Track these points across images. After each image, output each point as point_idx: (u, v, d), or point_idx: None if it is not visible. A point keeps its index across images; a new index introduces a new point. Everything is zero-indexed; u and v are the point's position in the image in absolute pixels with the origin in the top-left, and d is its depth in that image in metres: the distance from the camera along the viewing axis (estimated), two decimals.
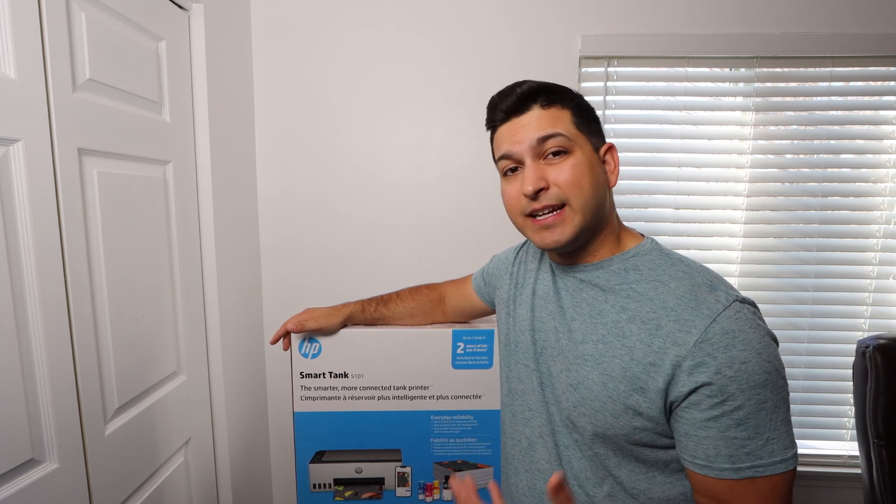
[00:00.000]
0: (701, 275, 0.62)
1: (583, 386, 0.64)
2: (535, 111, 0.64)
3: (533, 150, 0.63)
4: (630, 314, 0.62)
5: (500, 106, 0.67)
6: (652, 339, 0.59)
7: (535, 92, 0.65)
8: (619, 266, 0.66)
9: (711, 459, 0.56)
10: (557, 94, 0.65)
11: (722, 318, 0.56)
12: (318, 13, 1.41)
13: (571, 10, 1.39)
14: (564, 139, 0.63)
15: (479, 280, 0.99)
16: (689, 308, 0.58)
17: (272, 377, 1.55)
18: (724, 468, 0.55)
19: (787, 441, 0.55)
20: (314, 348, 1.00)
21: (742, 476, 0.54)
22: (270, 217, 1.49)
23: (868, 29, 1.36)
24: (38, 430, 0.72)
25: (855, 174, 1.44)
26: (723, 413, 0.54)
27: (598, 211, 0.65)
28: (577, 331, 0.67)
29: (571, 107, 0.65)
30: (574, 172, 0.62)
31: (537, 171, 0.63)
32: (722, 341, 0.55)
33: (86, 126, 0.81)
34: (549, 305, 0.73)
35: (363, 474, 1.03)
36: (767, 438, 0.54)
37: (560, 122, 0.63)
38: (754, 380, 0.54)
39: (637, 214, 1.49)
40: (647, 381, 0.58)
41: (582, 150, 0.64)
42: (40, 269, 0.71)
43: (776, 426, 0.55)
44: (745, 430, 0.54)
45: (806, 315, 1.50)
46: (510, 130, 0.66)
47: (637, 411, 0.59)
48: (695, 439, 0.57)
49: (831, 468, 1.54)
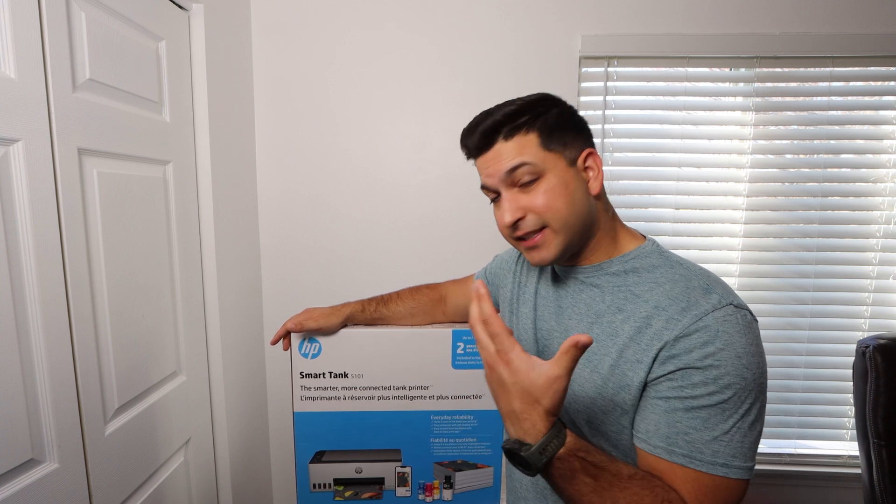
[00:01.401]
0: (699, 277, 0.62)
1: (575, 383, 0.65)
2: (499, 145, 0.64)
3: (504, 182, 0.65)
4: (625, 315, 0.63)
5: (467, 143, 0.68)
6: (640, 338, 0.60)
7: (496, 126, 0.64)
8: (618, 268, 0.67)
9: (650, 435, 0.57)
10: (520, 119, 0.63)
11: (709, 317, 0.56)
12: (318, 13, 1.41)
13: (571, 10, 1.39)
14: (531, 167, 0.63)
15: (482, 279, 1.00)
16: (680, 308, 0.58)
17: (272, 377, 1.55)
18: (658, 446, 0.56)
19: (738, 451, 0.54)
20: (314, 348, 1.00)
21: (674, 460, 0.54)
22: (270, 217, 1.49)
23: (868, 29, 1.36)
24: (38, 430, 0.72)
25: (855, 174, 1.44)
26: (676, 396, 0.55)
27: (585, 221, 0.65)
28: (573, 330, 0.68)
29: (538, 127, 0.63)
30: (547, 197, 0.63)
31: (513, 203, 0.65)
32: (701, 338, 0.55)
33: (86, 126, 0.81)
34: (549, 305, 0.74)
35: (363, 474, 1.03)
36: (715, 437, 0.54)
37: (525, 149, 0.63)
38: (723, 380, 0.53)
39: (637, 214, 1.49)
40: (633, 377, 0.59)
41: (553, 170, 0.63)
42: (40, 269, 0.71)
43: (731, 432, 0.54)
44: (693, 419, 0.54)
45: (806, 315, 1.50)
46: (482, 165, 0.67)
47: (623, 409, 0.61)
48: (642, 413, 0.58)
49: (831, 468, 1.54)
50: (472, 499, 1.04)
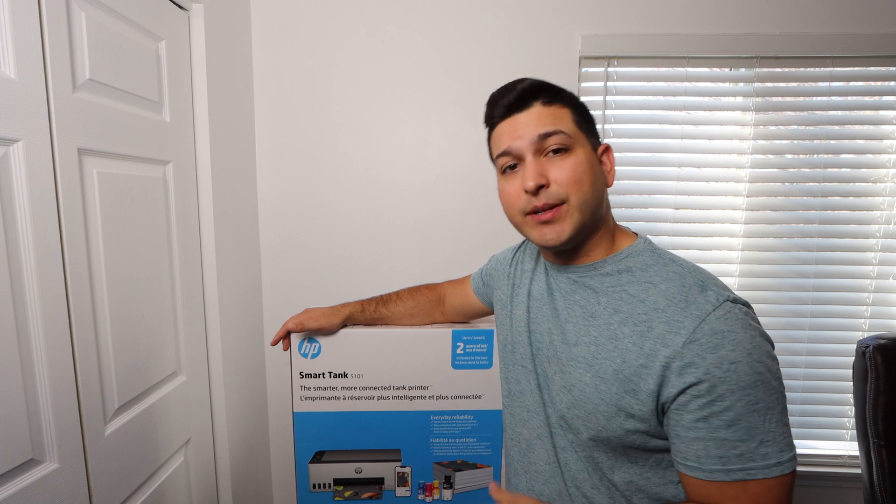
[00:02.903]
0: (692, 275, 0.61)
1: (576, 388, 0.63)
2: (537, 107, 0.64)
3: (534, 147, 0.63)
4: (622, 316, 0.62)
5: (502, 101, 0.66)
6: (643, 342, 0.59)
7: (537, 88, 0.65)
8: (611, 268, 0.66)
9: (702, 461, 0.55)
10: (559, 93, 0.66)
11: (711, 318, 0.55)
12: (318, 13, 1.41)
13: (571, 10, 1.39)
14: (566, 137, 0.63)
15: (478, 280, 0.99)
16: (679, 309, 0.58)
17: (272, 377, 1.55)
18: (715, 469, 0.54)
19: (782, 444, 0.54)
20: (314, 348, 1.00)
21: (733, 478, 0.54)
22: (270, 217, 1.49)
23: (868, 29, 1.36)
24: (38, 430, 0.72)
25: (855, 174, 1.44)
26: (712, 414, 0.54)
27: (597, 210, 0.65)
28: (570, 332, 0.67)
29: (571, 106, 0.66)
30: (575, 171, 0.62)
31: (538, 168, 0.63)
32: (711, 341, 0.54)
33: (86, 126, 0.81)
34: (543, 307, 0.73)
35: (363, 474, 1.03)
36: (760, 441, 0.53)
37: (562, 119, 0.63)
38: (745, 380, 0.53)
39: (637, 214, 1.49)
40: (639, 383, 0.58)
41: (583, 148, 0.64)
42: (40, 269, 0.71)
43: (770, 428, 0.54)
44: (737, 431, 0.53)
45: (806, 315, 1.50)
46: (511, 126, 0.65)
47: (629, 413, 0.59)
48: (685, 440, 0.56)
49: (831, 468, 1.54)
50: (472, 499, 1.04)
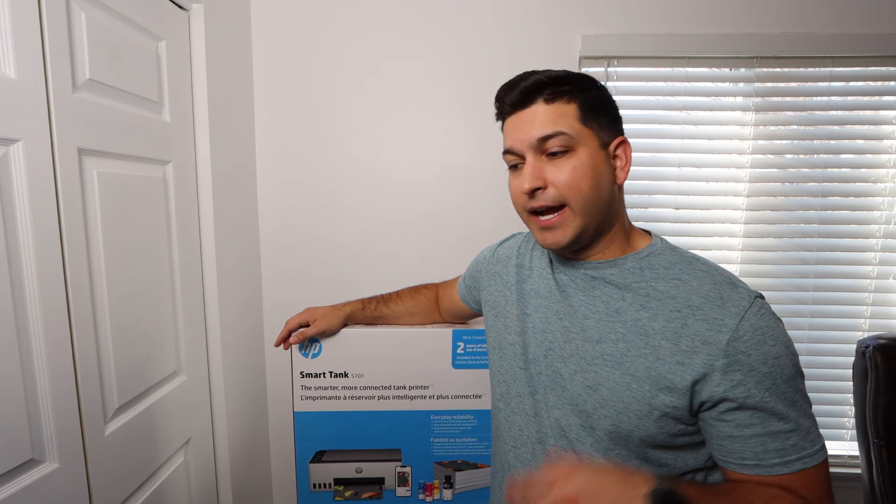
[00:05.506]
0: (719, 272, 0.62)
1: (603, 387, 0.61)
2: (539, 106, 0.62)
3: (533, 148, 0.62)
4: (651, 312, 0.61)
5: (505, 100, 0.65)
6: (679, 339, 0.58)
7: (539, 86, 0.62)
8: (634, 264, 0.65)
9: (761, 457, 0.56)
10: (564, 87, 0.62)
11: (749, 314, 0.57)
12: (318, 13, 1.41)
13: (571, 10, 1.39)
14: (567, 137, 0.61)
15: (462, 286, 0.98)
16: (716, 306, 0.58)
17: (272, 377, 1.55)
18: (775, 463, 0.56)
19: (817, 429, 0.58)
20: (314, 348, 1.00)
21: (792, 469, 0.55)
22: (270, 217, 1.49)
23: (868, 29, 1.36)
24: (38, 430, 0.72)
25: (855, 174, 1.44)
26: (764, 409, 0.55)
27: (604, 210, 0.64)
28: (591, 329, 0.64)
29: (580, 99, 0.62)
30: (573, 175, 0.61)
31: (536, 170, 0.62)
32: (753, 338, 0.56)
33: (86, 126, 0.81)
34: (554, 305, 0.70)
35: (363, 474, 1.03)
36: (808, 428, 0.56)
37: (563, 118, 0.61)
38: (787, 372, 0.56)
39: (637, 214, 1.49)
40: (675, 380, 0.57)
41: (586, 147, 0.62)
42: (40, 269, 0.71)
43: (809, 414, 0.57)
44: (788, 422, 0.55)
45: (806, 315, 1.50)
46: (514, 125, 0.65)
47: (663, 411, 0.58)
48: (740, 440, 0.56)
49: (831, 468, 1.51)
50: (472, 499, 1.04)
